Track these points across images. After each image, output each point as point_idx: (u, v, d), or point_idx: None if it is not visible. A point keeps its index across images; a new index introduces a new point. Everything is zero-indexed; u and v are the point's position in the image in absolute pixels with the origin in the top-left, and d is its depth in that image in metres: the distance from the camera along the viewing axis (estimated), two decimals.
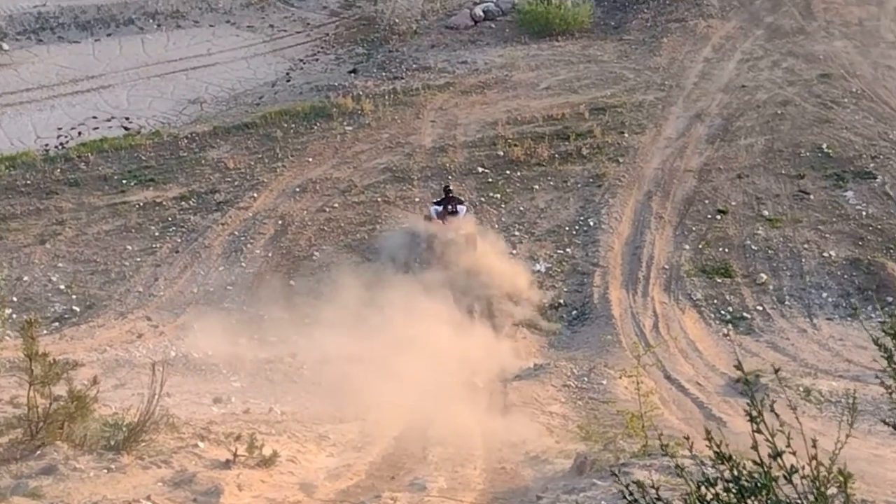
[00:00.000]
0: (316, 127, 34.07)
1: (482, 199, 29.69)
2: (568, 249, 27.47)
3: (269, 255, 27.49)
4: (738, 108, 33.98)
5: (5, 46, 42.34)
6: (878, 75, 35.19)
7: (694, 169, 30.72)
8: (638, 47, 39.52)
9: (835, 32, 38.95)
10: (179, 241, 28.24)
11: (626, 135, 32.63)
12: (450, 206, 27.72)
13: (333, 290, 25.32)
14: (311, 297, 25.30)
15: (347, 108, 35.04)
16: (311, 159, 32.02)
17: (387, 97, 35.96)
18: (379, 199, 29.52)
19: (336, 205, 29.52)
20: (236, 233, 28.44)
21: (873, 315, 24.18)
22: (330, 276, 26.19)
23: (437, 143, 32.64)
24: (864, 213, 28.24)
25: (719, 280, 26.09)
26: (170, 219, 29.27)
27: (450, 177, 30.36)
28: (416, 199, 29.31)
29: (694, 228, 28.09)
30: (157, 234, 28.60)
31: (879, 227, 27.62)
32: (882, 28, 38.70)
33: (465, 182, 30.46)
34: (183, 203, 30.03)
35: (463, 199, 28.64)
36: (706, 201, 29.16)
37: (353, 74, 39.40)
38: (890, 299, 24.99)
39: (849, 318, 24.58)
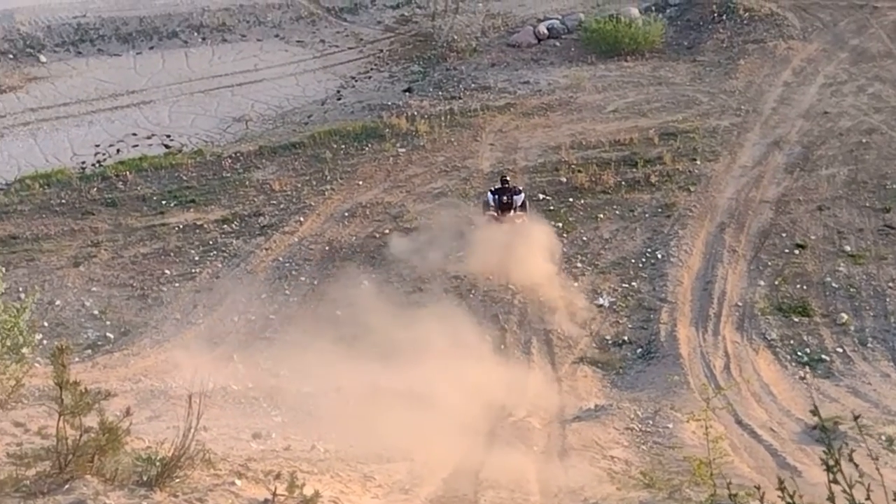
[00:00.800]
0: (367, 148, 34.26)
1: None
2: (634, 283, 27.36)
3: (315, 282, 27.61)
4: (819, 136, 33.74)
5: (43, 59, 43.05)
6: None
7: (771, 200, 30.51)
8: (712, 69, 39.40)
9: None
10: (220, 266, 28.45)
11: (699, 162, 32.50)
12: (505, 197, 28.27)
13: (382, 320, 25.36)
14: (358, 328, 25.32)
15: (401, 129, 35.21)
16: (361, 182, 32.17)
17: (443, 118, 36.10)
18: (433, 226, 29.55)
19: (387, 231, 29.60)
20: (281, 259, 28.60)
21: None
22: (379, 305, 26.22)
23: (495, 167, 32.67)
24: None
25: (796, 319, 25.83)
26: (210, 242, 29.51)
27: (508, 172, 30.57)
28: (472, 226, 29.32)
29: (770, 263, 27.87)
30: (196, 258, 28.84)
31: None
32: None
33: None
34: (225, 226, 30.27)
35: (520, 189, 29.12)
36: (783, 235, 28.92)
37: (407, 93, 39.61)
38: None
39: None
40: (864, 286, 26.78)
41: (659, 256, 28.20)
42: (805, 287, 26.95)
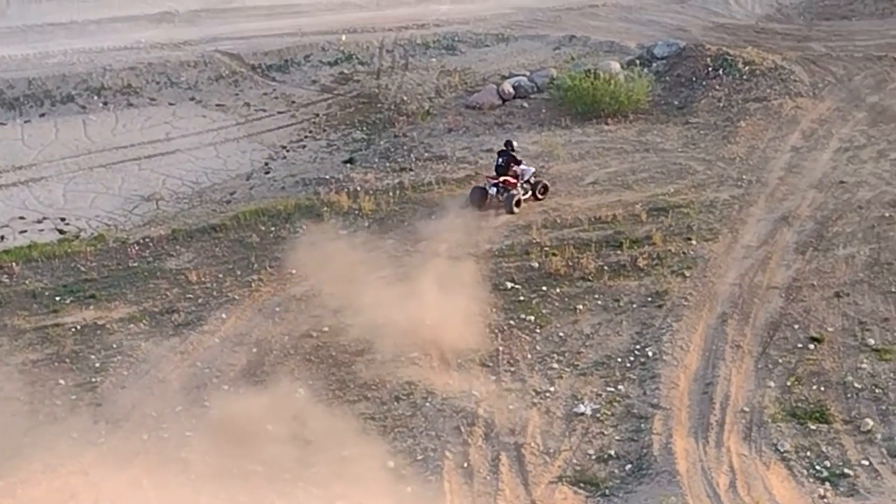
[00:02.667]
0: (302, 230, 34.36)
1: (511, 321, 29.80)
2: (620, 387, 27.46)
3: (241, 391, 27.52)
4: (835, 210, 34.22)
5: None
6: None
7: (780, 285, 30.83)
8: (708, 132, 39.97)
9: None
10: (126, 374, 28.32)
11: (694, 242, 32.84)
12: (501, 160, 33.37)
13: (322, 436, 25.29)
14: (293, 446, 25.23)
15: (342, 207, 35.39)
16: (294, 271, 32.24)
17: (391, 194, 36.34)
18: (381, 323, 29.60)
19: (326, 328, 29.63)
20: (199, 364, 28.52)
21: None
22: (317, 419, 26.16)
23: (454, 251, 32.85)
24: None
25: (813, 427, 25.98)
26: (114, 346, 29.39)
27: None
28: (428, 323, 29.40)
29: (781, 361, 28.07)
30: (97, 364, 28.69)
31: None
32: None
33: (490, 300, 30.59)
34: (132, 326, 30.19)
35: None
36: (796, 326, 29.19)
37: (349, 165, 39.90)
38: None
39: None
40: (891, 386, 27.00)
41: (650, 354, 28.35)
42: (823, 388, 27.14)
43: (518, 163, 35.28)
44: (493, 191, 34.99)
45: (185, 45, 48.84)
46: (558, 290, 30.96)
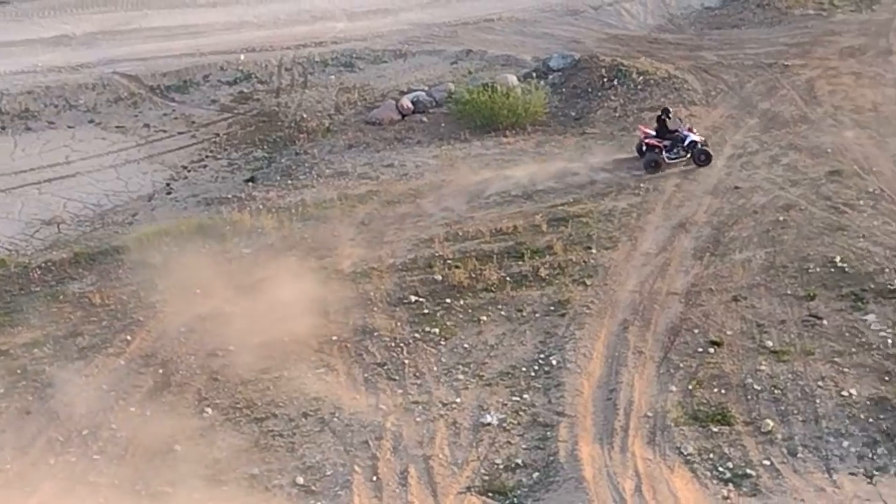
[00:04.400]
0: (205, 250, 34.14)
1: (416, 334, 29.81)
2: (526, 396, 27.55)
3: (148, 414, 27.29)
4: (730, 215, 34.60)
5: None
6: None
7: (679, 291, 31.10)
8: (605, 142, 40.23)
9: (844, 120, 39.93)
10: (31, 399, 27.99)
11: (594, 251, 33.04)
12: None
13: (231, 455, 25.16)
14: (202, 466, 25.09)
15: (244, 226, 35.23)
16: (198, 291, 32.01)
17: (294, 211, 36.23)
18: (287, 340, 29.50)
19: (232, 347, 29.47)
20: (105, 387, 28.24)
21: None
22: (225, 437, 26.03)
23: (357, 266, 32.84)
24: (890, 342, 28.65)
25: (715, 429, 26.23)
26: (18, 371, 29.04)
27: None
28: (334, 338, 29.36)
29: (682, 365, 28.32)
30: (1, 390, 28.33)
31: None
32: None
33: (396, 314, 30.60)
34: (35, 351, 29.83)
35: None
36: (696, 331, 29.47)
37: (250, 183, 39.71)
38: None
39: (877, 472, 24.78)
40: (790, 387, 27.32)
41: (554, 363, 28.48)
42: (723, 391, 27.41)
43: (669, 130, 37.86)
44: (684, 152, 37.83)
45: (83, 68, 48.34)
46: (462, 302, 31.02)
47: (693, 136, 37.39)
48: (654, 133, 37.81)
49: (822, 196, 35.14)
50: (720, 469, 25.07)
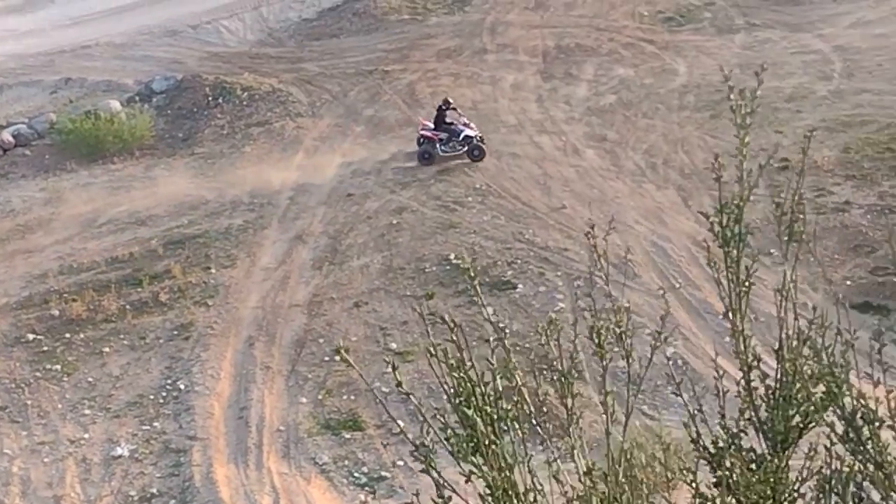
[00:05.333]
0: None
1: (37, 373, 28.94)
2: (156, 423, 27.13)
3: None
4: (346, 223, 34.93)
5: None
6: (503, 166, 37.17)
7: (301, 303, 31.21)
8: (215, 161, 40.02)
9: None
10: None
11: (214, 270, 32.82)
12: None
13: None
14: None
15: None
16: None
17: None
18: None
19: None
20: None
21: None
22: None
23: None
24: (507, 331, 29.47)
25: (348, 435, 26.46)
26: None
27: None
28: None
29: (310, 376, 28.44)
30: None
31: (527, 345, 28.92)
32: (501, 110, 41.02)
33: (14, 354, 29.62)
34: None
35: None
36: (321, 340, 29.63)
37: None
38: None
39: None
40: (416, 385, 27.70)
41: (182, 387, 28.15)
42: (353, 397, 27.66)
43: (445, 123, 37.70)
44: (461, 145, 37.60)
45: None
46: (82, 336, 30.29)
47: (468, 132, 37.58)
48: (432, 125, 38.07)
49: (433, 196, 35.85)
50: (356, 475, 25.29)
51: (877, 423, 5.42)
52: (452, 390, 5.82)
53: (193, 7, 51.07)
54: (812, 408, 5.48)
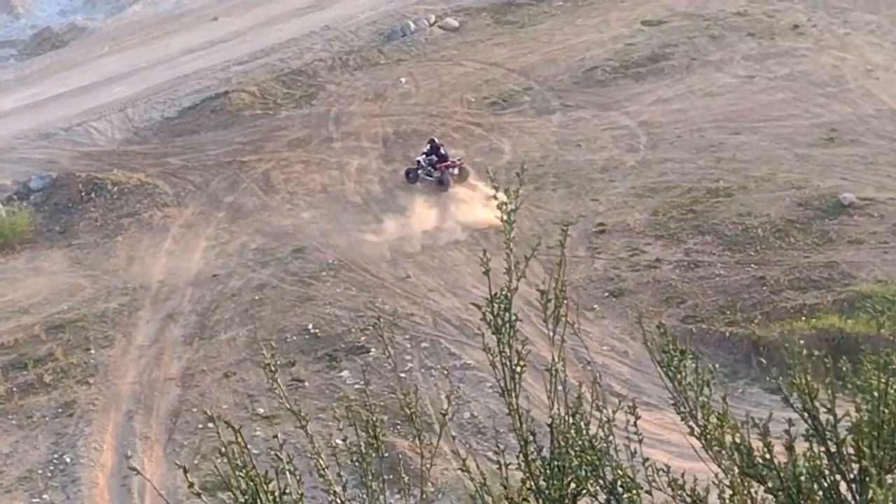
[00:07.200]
0: None
1: None
2: (45, 496, 26.77)
3: None
4: (212, 301, 34.84)
5: None
6: (353, 242, 37.38)
7: (175, 376, 31.07)
8: (91, 251, 39.61)
9: (300, 203, 41.03)
10: None
11: (93, 351, 32.51)
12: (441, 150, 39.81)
13: None
14: None
15: None
16: None
17: None
18: None
19: None
20: None
21: None
22: None
23: None
24: (364, 392, 29.66)
25: (223, 495, 26.27)
26: None
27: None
28: None
29: (186, 443, 28.29)
30: None
31: (382, 403, 29.06)
32: (347, 192, 41.28)
33: None
34: None
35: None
36: (194, 409, 29.49)
37: None
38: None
39: None
40: (284, 447, 27.74)
41: (68, 461, 27.80)
42: (225, 461, 27.47)
43: (439, 154, 40.30)
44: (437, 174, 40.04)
45: None
46: None
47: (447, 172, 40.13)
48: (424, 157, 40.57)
49: (290, 272, 35.91)
50: None
51: (634, 491, 5.69)
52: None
53: (64, 111, 50.58)
54: (583, 475, 5.73)
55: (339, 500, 5.96)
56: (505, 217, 6.14)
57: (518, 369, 6.23)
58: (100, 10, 64.26)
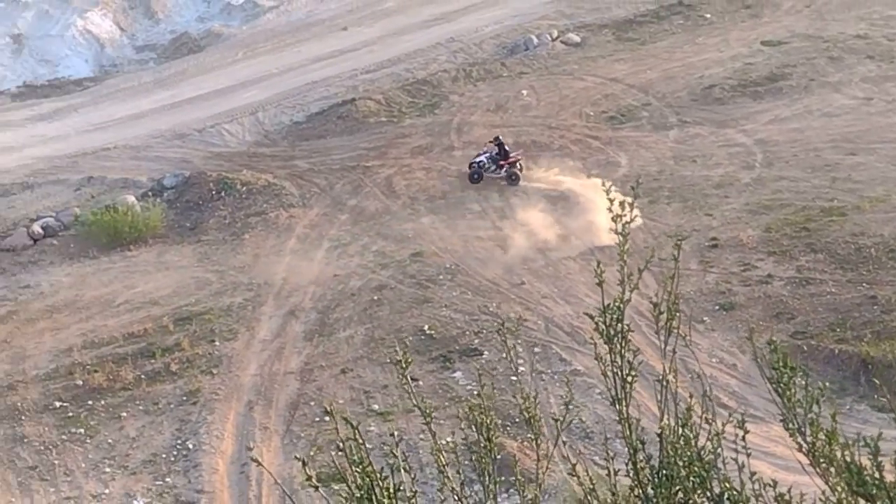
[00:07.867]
0: None
1: (64, 436, 28.96)
2: (168, 479, 27.16)
3: None
4: (333, 299, 35.10)
5: None
6: (469, 248, 37.43)
7: (295, 370, 31.34)
8: (219, 247, 40.15)
9: (420, 208, 41.18)
10: None
11: (218, 343, 32.93)
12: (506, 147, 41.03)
13: None
14: None
15: None
16: None
17: None
18: None
19: None
20: None
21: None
22: None
23: (2, 381, 31.61)
24: (475, 393, 29.62)
25: (337, 487, 26.43)
26: None
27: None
28: None
29: (303, 435, 28.53)
30: None
31: (494, 405, 29.08)
32: (467, 199, 41.31)
33: (43, 420, 29.59)
34: None
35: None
36: (312, 403, 29.74)
37: None
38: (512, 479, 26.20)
39: None
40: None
41: (190, 447, 28.19)
42: (341, 454, 27.65)
43: (505, 150, 41.83)
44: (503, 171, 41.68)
45: None
46: (103, 402, 30.35)
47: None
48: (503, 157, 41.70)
49: (409, 275, 36.06)
50: None
51: None
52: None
53: (199, 113, 51.36)
54: (690, 486, 5.63)
55: (456, 498, 5.94)
56: (620, 230, 6.06)
57: (629, 379, 6.15)
58: (235, 17, 65.01)
